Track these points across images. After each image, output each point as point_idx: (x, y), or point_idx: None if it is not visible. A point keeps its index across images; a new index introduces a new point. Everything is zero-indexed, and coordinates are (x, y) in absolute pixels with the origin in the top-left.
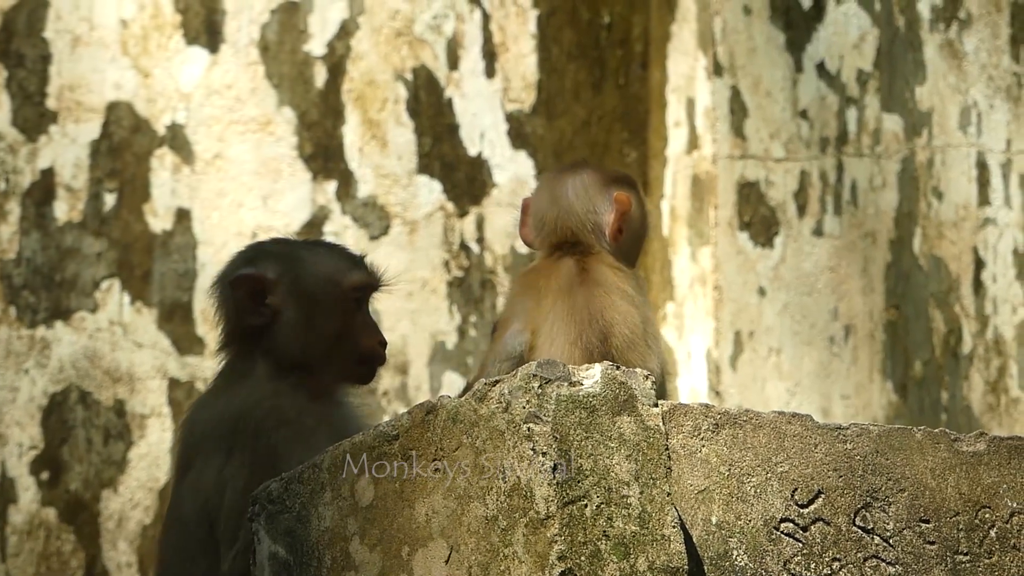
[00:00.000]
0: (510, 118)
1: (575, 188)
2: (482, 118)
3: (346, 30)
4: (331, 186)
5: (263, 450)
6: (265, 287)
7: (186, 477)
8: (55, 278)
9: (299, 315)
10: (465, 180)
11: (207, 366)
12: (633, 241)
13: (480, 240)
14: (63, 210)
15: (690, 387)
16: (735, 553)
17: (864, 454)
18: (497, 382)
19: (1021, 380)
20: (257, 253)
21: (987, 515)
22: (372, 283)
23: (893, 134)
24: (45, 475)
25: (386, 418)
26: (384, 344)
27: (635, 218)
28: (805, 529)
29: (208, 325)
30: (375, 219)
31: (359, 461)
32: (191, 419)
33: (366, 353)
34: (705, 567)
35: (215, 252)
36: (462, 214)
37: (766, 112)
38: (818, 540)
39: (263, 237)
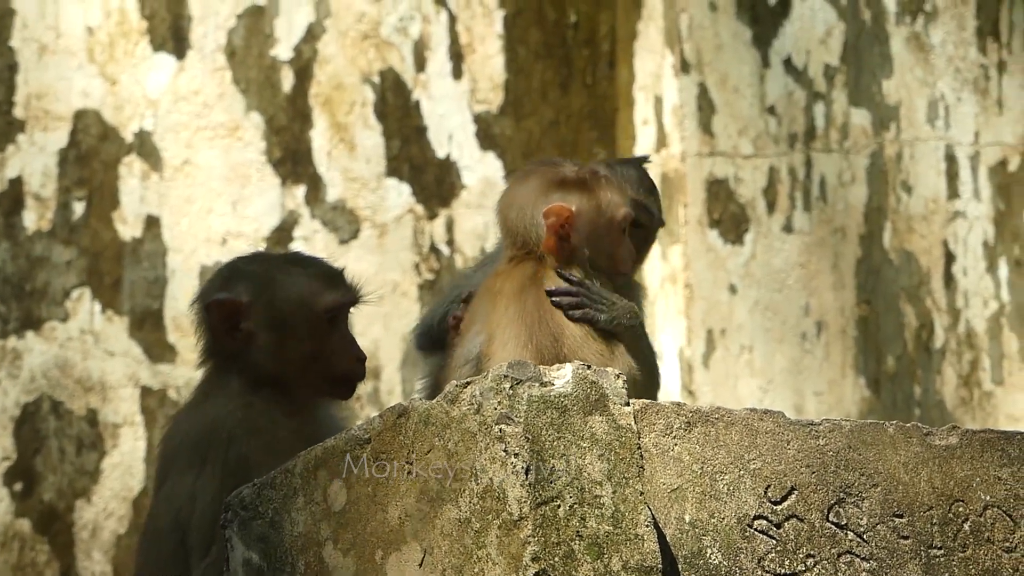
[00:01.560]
0: (478, 119)
1: (516, 203)
2: (450, 120)
3: (312, 34)
4: (300, 190)
5: (234, 460)
6: (239, 312)
7: (161, 488)
8: (25, 288)
9: (273, 339)
10: (434, 182)
11: (179, 374)
12: (593, 240)
13: (450, 242)
14: (32, 219)
15: (662, 386)
16: (709, 551)
17: (837, 450)
18: (468, 383)
19: (993, 374)
20: (233, 274)
21: (960, 509)
22: (347, 301)
23: (861, 128)
24: (18, 486)
25: (359, 422)
26: (362, 359)
27: (586, 218)
28: (779, 526)
29: (180, 332)
30: (344, 223)
31: (331, 466)
32: (169, 433)
33: (342, 373)
34: (679, 566)
35: (185, 259)
36: (431, 216)
37: (734, 109)
38: (792, 537)
39: (243, 252)
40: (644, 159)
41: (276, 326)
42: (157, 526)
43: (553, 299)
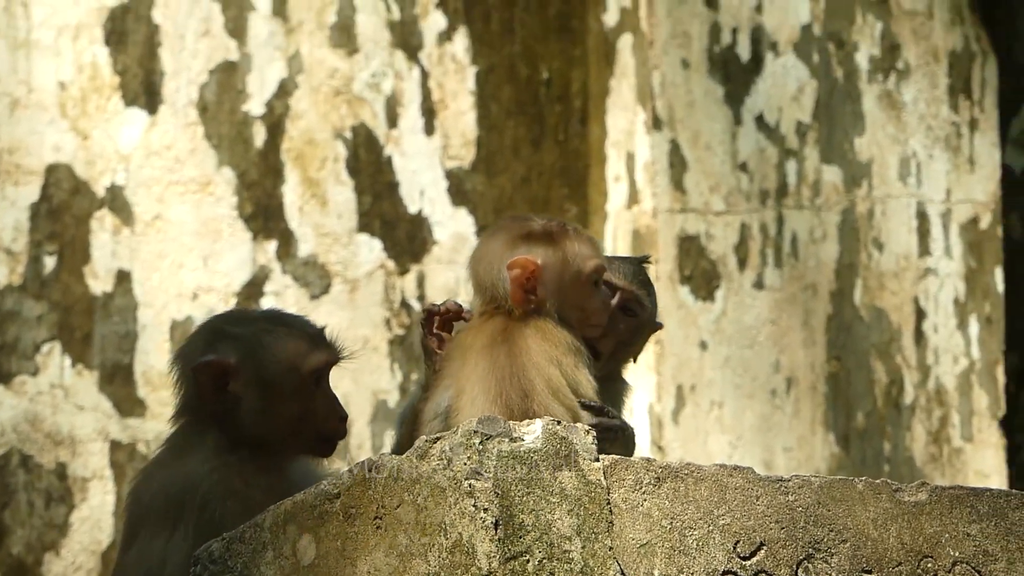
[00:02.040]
0: (450, 175)
1: (484, 258)
2: (422, 175)
3: (285, 89)
4: (271, 245)
5: (207, 523)
6: (227, 373)
7: (131, 547)
8: None
9: (260, 401)
10: (405, 238)
11: (148, 428)
12: (560, 294)
13: (421, 298)
14: (3, 273)
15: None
16: None
17: (806, 505)
18: (438, 439)
19: (963, 430)
20: (217, 335)
21: (929, 564)
22: (332, 360)
23: (833, 185)
24: None
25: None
26: (345, 418)
27: (552, 272)
28: None
29: (150, 387)
30: (316, 278)
31: (300, 520)
32: (138, 488)
33: (326, 433)
34: None
35: (156, 313)
36: (403, 272)
37: (706, 165)
38: None
39: (220, 310)
40: (645, 259)
41: (264, 388)
42: None
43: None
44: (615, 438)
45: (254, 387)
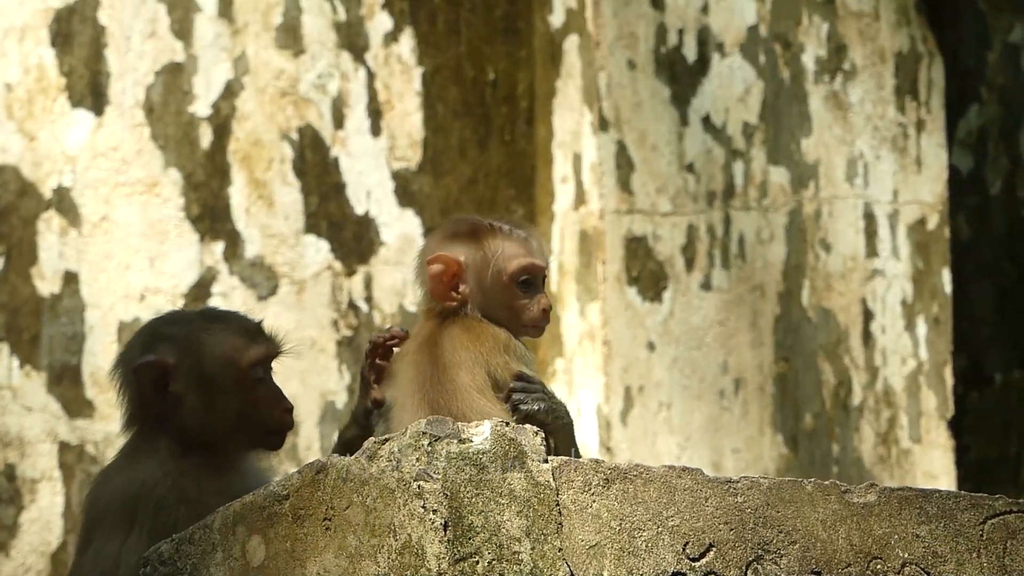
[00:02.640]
0: (396, 176)
1: (419, 256)
2: (368, 176)
3: (231, 91)
4: (218, 247)
5: (161, 527)
6: (167, 374)
7: (87, 550)
8: None
9: (201, 399)
10: (352, 239)
11: (97, 429)
12: (484, 292)
13: (368, 299)
14: None
15: (580, 443)
16: None
17: (755, 507)
18: (387, 440)
19: (911, 431)
20: (154, 337)
21: (879, 566)
22: (270, 353)
23: (780, 186)
24: None
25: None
26: (290, 409)
27: (474, 270)
28: None
29: (98, 388)
30: (263, 279)
31: (249, 521)
32: (94, 492)
33: (272, 426)
34: None
35: (103, 314)
36: (350, 273)
37: (652, 166)
38: None
39: (159, 311)
40: None
41: (204, 385)
42: None
43: (510, 393)
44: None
45: (194, 385)
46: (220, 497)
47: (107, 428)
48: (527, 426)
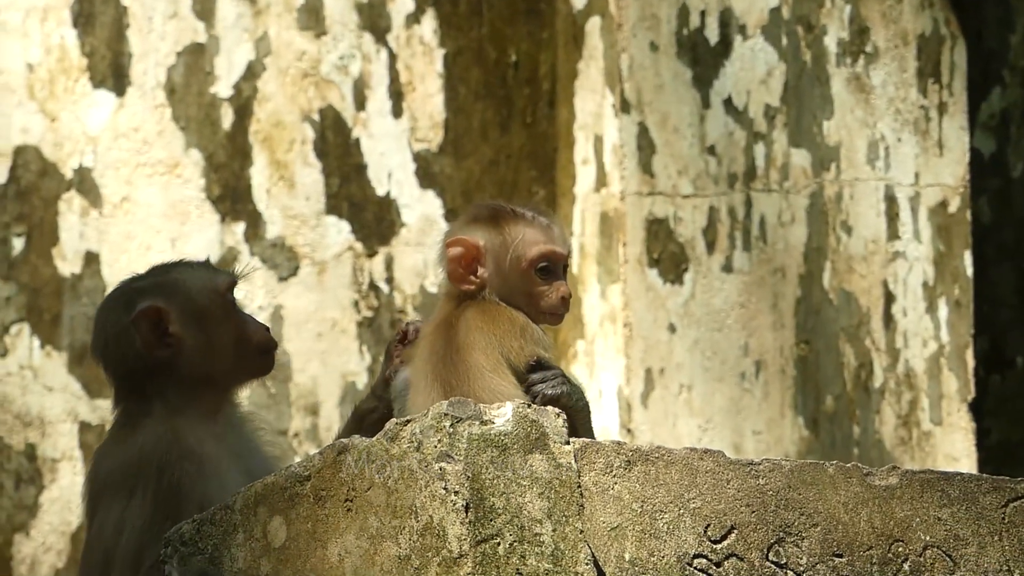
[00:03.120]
0: (418, 158)
1: (441, 239)
2: (390, 158)
3: (252, 72)
4: (239, 228)
5: (166, 487)
6: (162, 317)
7: (92, 525)
8: None
9: (200, 335)
10: (373, 220)
11: None
12: (502, 276)
13: (389, 280)
14: None
15: (601, 425)
16: None
17: (776, 489)
18: (408, 421)
19: (932, 413)
20: (132, 293)
21: (900, 549)
22: (235, 278)
23: (801, 169)
24: None
25: (297, 459)
26: (268, 328)
27: (494, 254)
28: (718, 565)
29: None
30: (284, 260)
31: (271, 502)
32: (94, 468)
33: (261, 344)
34: None
35: None
36: (371, 254)
37: (674, 148)
38: (731, 575)
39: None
40: None
41: (199, 320)
42: (90, 563)
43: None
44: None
45: (191, 323)
46: (218, 443)
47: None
48: (549, 408)
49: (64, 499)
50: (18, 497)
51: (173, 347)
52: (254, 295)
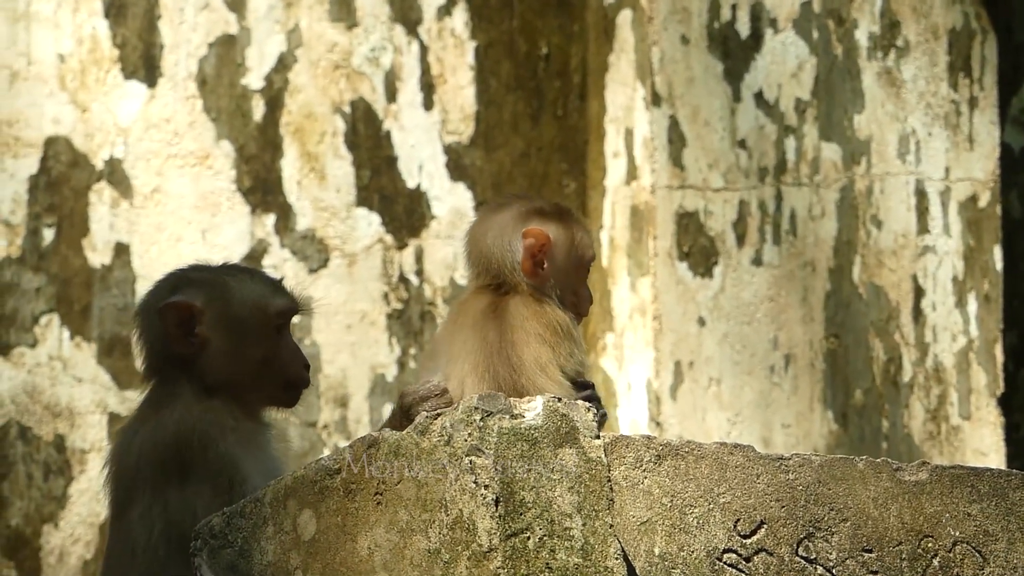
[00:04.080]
0: (448, 150)
1: (493, 228)
2: (420, 150)
3: (284, 63)
4: (270, 219)
5: (215, 460)
6: (193, 315)
7: (129, 510)
8: None
9: (227, 343)
10: (404, 212)
11: None
12: (562, 273)
13: (419, 272)
14: (2, 245)
15: (630, 418)
16: None
17: (806, 484)
18: (439, 415)
19: (961, 408)
20: (181, 281)
21: (930, 544)
22: (295, 308)
23: (832, 163)
24: None
25: (326, 451)
26: (308, 367)
27: (560, 250)
28: (748, 559)
29: None
30: (314, 252)
31: (301, 495)
32: (121, 449)
33: (292, 379)
34: None
35: None
36: (401, 246)
37: (705, 142)
38: (761, 570)
39: (183, 267)
40: None
41: (231, 329)
42: (131, 548)
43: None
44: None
45: (222, 328)
46: (257, 426)
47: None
48: (579, 402)
49: (93, 490)
50: (47, 488)
51: (196, 347)
52: None
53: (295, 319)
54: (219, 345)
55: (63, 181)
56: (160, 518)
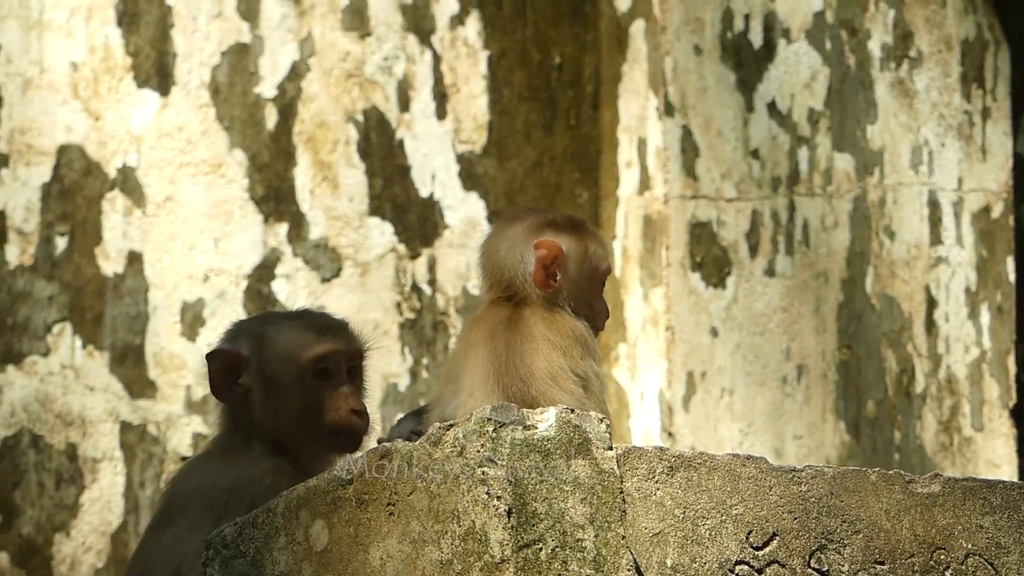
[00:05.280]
0: (461, 159)
1: (505, 240)
2: (433, 159)
3: (297, 72)
4: (282, 228)
5: None
6: (239, 364)
7: (166, 531)
8: (7, 322)
9: (265, 395)
10: (417, 222)
11: (159, 409)
12: (576, 284)
13: (432, 282)
14: (14, 253)
15: (643, 428)
16: None
17: (819, 496)
18: (451, 426)
19: (974, 419)
20: (239, 329)
21: (942, 556)
22: (335, 352)
23: (845, 173)
24: None
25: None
26: (358, 411)
27: (573, 261)
28: (760, 572)
29: (160, 368)
30: (327, 261)
31: (313, 506)
32: (181, 478)
33: (334, 425)
34: None
35: (167, 295)
36: (414, 256)
37: (717, 152)
38: None
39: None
40: None
41: (266, 379)
42: (152, 566)
43: None
44: None
45: (259, 380)
46: None
47: (169, 409)
48: (592, 413)
49: (104, 499)
50: (59, 497)
51: (239, 396)
52: (296, 296)
53: (355, 362)
54: (258, 395)
55: (76, 189)
56: (188, 549)
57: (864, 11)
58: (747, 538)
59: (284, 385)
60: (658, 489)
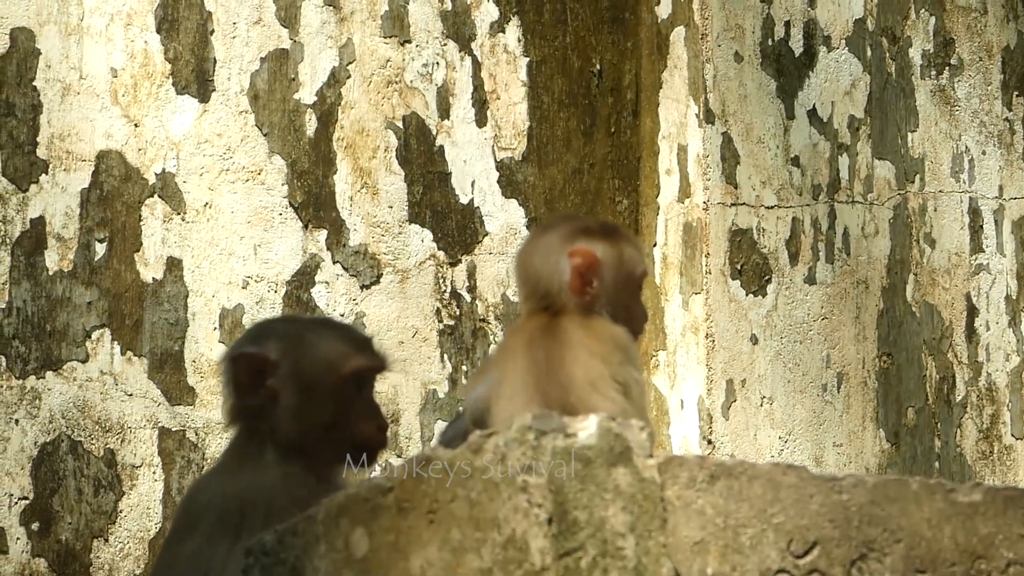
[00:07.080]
0: (501, 166)
1: (540, 250)
2: (473, 166)
3: (336, 78)
4: (322, 235)
5: None
6: (266, 368)
7: (183, 543)
8: (46, 328)
9: (296, 399)
10: (456, 229)
11: (198, 416)
12: (613, 290)
13: (471, 289)
14: (54, 259)
15: (682, 435)
16: None
17: (860, 504)
18: (492, 434)
19: (1014, 428)
20: (263, 332)
21: (983, 566)
22: (373, 367)
23: (885, 181)
24: (35, 525)
25: (378, 469)
26: (384, 428)
27: (608, 268)
28: None
29: (199, 375)
30: (366, 268)
31: (353, 513)
32: (197, 489)
33: (362, 439)
34: None
35: (206, 302)
36: (453, 263)
37: (758, 159)
38: None
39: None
40: None
41: (301, 385)
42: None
43: None
44: None
45: (292, 384)
46: (331, 490)
47: (208, 415)
48: (632, 421)
49: (143, 505)
50: (97, 503)
51: (264, 399)
52: (336, 303)
53: (379, 377)
54: (288, 400)
55: (115, 196)
56: (206, 563)
57: (905, 19)
58: (788, 547)
59: (320, 393)
60: (699, 497)
